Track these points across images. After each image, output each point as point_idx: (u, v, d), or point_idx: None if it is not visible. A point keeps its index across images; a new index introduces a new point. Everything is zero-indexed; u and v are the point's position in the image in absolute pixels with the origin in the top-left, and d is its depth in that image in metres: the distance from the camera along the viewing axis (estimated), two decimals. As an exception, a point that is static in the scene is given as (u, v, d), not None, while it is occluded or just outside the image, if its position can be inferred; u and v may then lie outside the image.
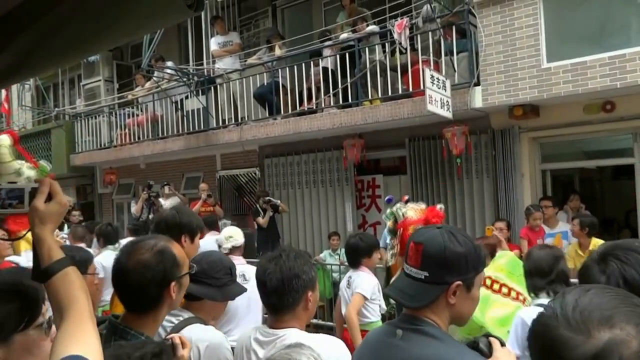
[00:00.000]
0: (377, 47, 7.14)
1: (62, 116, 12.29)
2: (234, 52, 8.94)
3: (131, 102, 10.67)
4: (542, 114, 6.34)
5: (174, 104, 9.43)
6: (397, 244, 4.47)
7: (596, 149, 6.86)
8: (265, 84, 8.25)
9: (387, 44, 7.03)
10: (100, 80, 11.71)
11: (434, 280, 1.44)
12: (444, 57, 6.57)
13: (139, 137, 10.16)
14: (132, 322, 1.63)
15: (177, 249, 1.73)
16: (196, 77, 9.33)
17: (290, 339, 1.77)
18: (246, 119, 8.55)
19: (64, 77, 12.72)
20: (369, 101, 7.16)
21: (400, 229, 4.71)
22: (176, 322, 2.09)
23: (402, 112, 6.67)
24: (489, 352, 1.41)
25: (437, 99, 5.82)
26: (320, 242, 8.37)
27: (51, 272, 1.21)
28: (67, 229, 6.88)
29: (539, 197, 6.45)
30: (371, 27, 7.28)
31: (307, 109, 7.77)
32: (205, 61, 9.21)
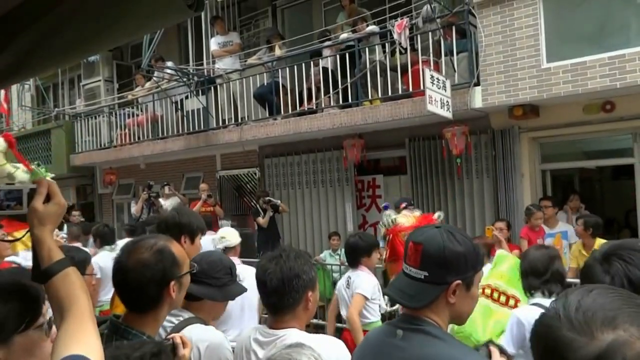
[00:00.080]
0: (377, 47, 7.13)
1: (62, 116, 12.28)
2: (234, 52, 8.94)
3: (131, 102, 10.66)
4: (542, 114, 6.34)
5: (174, 104, 9.43)
6: (387, 249, 4.45)
7: (596, 149, 6.86)
8: (265, 84, 8.25)
9: (387, 44, 7.03)
10: (100, 80, 11.70)
11: (433, 280, 1.44)
12: (444, 57, 6.57)
13: (139, 137, 10.16)
14: (133, 321, 1.63)
15: (177, 248, 1.73)
16: (196, 77, 9.32)
17: (290, 339, 1.77)
18: (246, 119, 8.54)
19: (63, 77, 12.71)
20: (369, 101, 7.15)
21: (389, 235, 4.74)
22: (176, 322, 2.08)
23: (402, 112, 6.67)
24: None
25: (437, 99, 5.82)
26: (320, 242, 8.37)
27: (51, 272, 1.21)
28: (66, 228, 6.87)
29: (538, 197, 6.45)
30: (371, 27, 7.28)
31: (307, 109, 7.77)
32: (205, 61, 9.21)
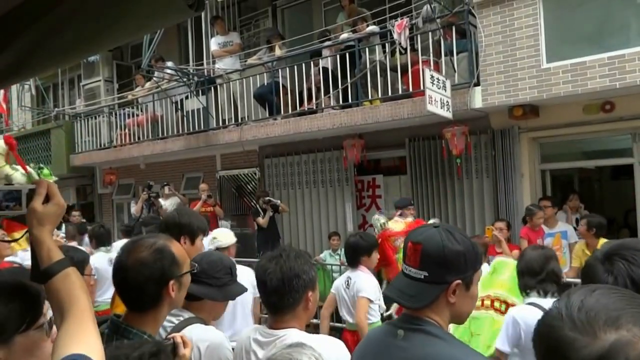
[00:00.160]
0: (377, 47, 7.14)
1: (62, 116, 12.27)
2: (234, 52, 8.94)
3: (131, 102, 10.66)
4: (541, 114, 6.34)
5: (174, 104, 9.42)
6: (377, 253, 4.49)
7: (595, 149, 6.85)
8: (265, 84, 8.25)
9: (387, 44, 7.03)
10: (100, 80, 11.69)
11: (433, 279, 1.44)
12: (444, 58, 6.57)
13: (138, 138, 10.15)
14: (133, 321, 1.63)
15: (176, 247, 1.73)
16: (196, 77, 9.32)
17: (290, 340, 1.76)
18: (246, 119, 8.54)
19: (63, 77, 12.70)
20: (369, 101, 7.15)
21: (379, 239, 4.77)
22: (176, 322, 2.08)
23: (402, 112, 6.67)
24: None
25: (437, 99, 5.83)
26: (320, 242, 8.37)
27: (51, 273, 1.21)
28: (64, 228, 6.85)
29: (538, 197, 6.45)
30: (371, 28, 7.28)
31: (307, 109, 7.77)
32: (205, 61, 9.21)
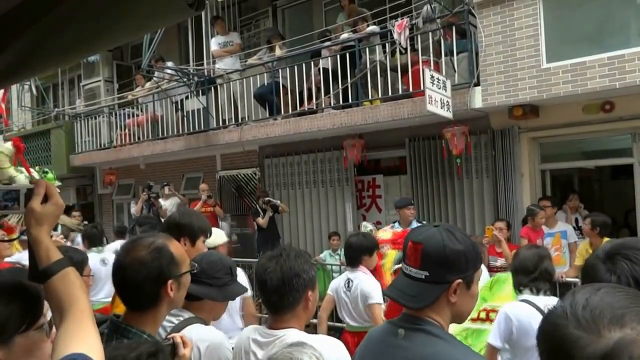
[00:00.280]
0: (377, 47, 7.14)
1: (62, 116, 12.27)
2: (234, 52, 8.94)
3: (131, 102, 10.66)
4: (541, 114, 6.34)
5: (174, 104, 9.42)
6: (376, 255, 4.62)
7: (595, 149, 6.85)
8: (265, 84, 8.25)
9: (387, 44, 7.03)
10: (100, 80, 11.68)
11: (434, 279, 1.43)
12: (444, 58, 6.57)
13: (138, 138, 10.15)
14: (132, 320, 1.63)
15: (175, 247, 1.72)
16: (196, 78, 9.32)
17: (289, 339, 1.76)
18: (246, 119, 8.54)
19: (63, 78, 12.69)
20: (369, 101, 7.16)
21: None
22: (176, 322, 2.08)
23: (402, 113, 6.67)
24: None
25: (437, 99, 5.83)
26: (320, 242, 8.37)
27: (50, 272, 1.21)
28: (60, 229, 6.78)
29: (538, 197, 6.45)
30: (371, 28, 7.28)
31: (307, 109, 7.77)
32: (205, 61, 9.20)
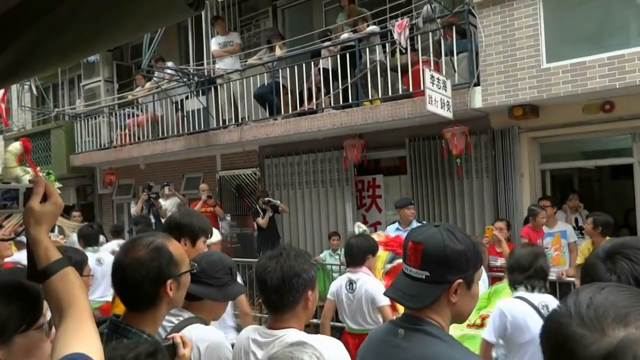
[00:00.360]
0: (377, 47, 7.14)
1: (62, 117, 12.27)
2: (235, 52, 8.94)
3: (131, 102, 10.66)
4: (541, 114, 6.34)
5: (174, 105, 9.42)
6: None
7: (595, 149, 6.85)
8: (265, 84, 8.25)
9: (387, 44, 7.03)
10: (100, 80, 11.68)
11: (435, 279, 1.43)
12: (444, 58, 6.57)
13: (139, 138, 10.15)
14: (132, 320, 1.63)
15: (174, 247, 1.72)
16: (196, 78, 9.32)
17: (290, 339, 1.76)
18: (246, 119, 8.54)
19: (63, 78, 12.69)
20: (369, 101, 7.16)
21: None
22: (176, 322, 2.08)
23: (402, 113, 6.67)
24: None
25: (437, 99, 5.82)
26: (320, 242, 8.37)
27: (49, 272, 1.21)
28: (57, 230, 6.66)
29: (538, 197, 6.45)
30: (371, 28, 7.28)
31: (307, 109, 7.77)
32: (205, 61, 9.20)
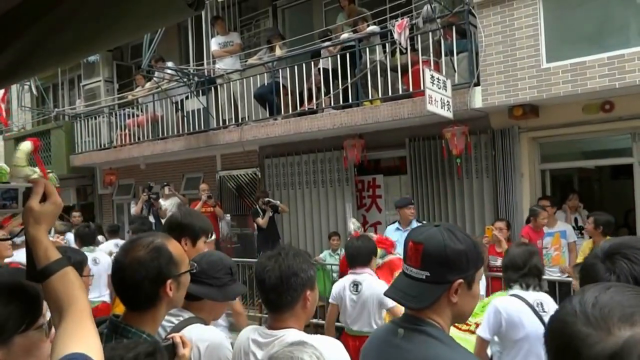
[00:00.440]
0: (377, 47, 7.14)
1: (62, 117, 12.27)
2: (235, 52, 8.94)
3: (131, 102, 10.66)
4: (541, 114, 6.34)
5: (174, 105, 9.42)
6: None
7: (595, 149, 6.85)
8: (265, 84, 8.25)
9: (387, 44, 7.03)
10: (100, 80, 11.68)
11: (435, 279, 1.42)
12: (444, 57, 6.57)
13: (139, 138, 10.15)
14: (132, 320, 1.63)
15: (174, 246, 1.72)
16: (196, 78, 9.32)
17: (289, 339, 1.76)
18: (246, 119, 8.54)
19: (63, 78, 12.69)
20: (369, 101, 7.16)
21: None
22: (176, 322, 2.08)
23: (403, 112, 6.67)
24: None
25: (437, 99, 5.82)
26: (320, 242, 8.37)
27: (49, 272, 1.21)
28: (53, 232, 6.54)
29: (538, 197, 6.45)
30: (372, 28, 7.28)
31: (307, 109, 7.77)
32: (205, 61, 9.21)
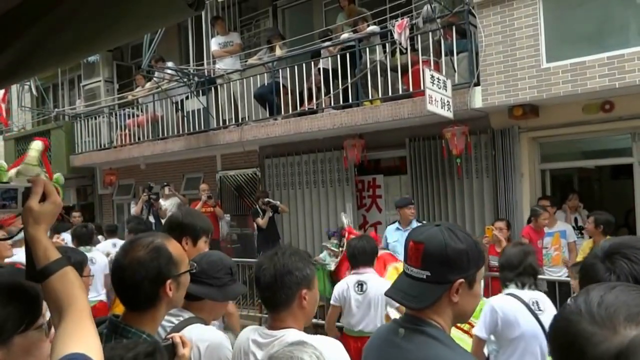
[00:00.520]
0: (377, 47, 7.14)
1: (62, 117, 12.27)
2: (235, 52, 8.93)
3: (131, 102, 10.66)
4: (541, 114, 6.34)
5: (174, 105, 9.42)
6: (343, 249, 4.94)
7: (595, 149, 6.85)
8: (265, 84, 8.25)
9: (387, 44, 7.03)
10: (100, 80, 11.68)
11: (436, 279, 1.42)
12: (444, 57, 6.57)
13: (139, 138, 10.16)
14: (131, 320, 1.63)
15: (174, 247, 1.72)
16: (196, 78, 9.32)
17: (289, 339, 1.77)
18: (246, 119, 8.54)
19: (63, 78, 12.69)
20: (369, 101, 7.16)
21: (345, 233, 5.71)
22: (176, 322, 2.08)
23: (403, 112, 6.67)
24: None
25: (437, 99, 5.82)
26: (320, 243, 8.35)
27: (49, 272, 1.21)
28: (49, 232, 6.67)
29: (538, 197, 6.45)
30: (372, 28, 7.28)
31: (307, 109, 7.77)
32: (205, 61, 9.21)
